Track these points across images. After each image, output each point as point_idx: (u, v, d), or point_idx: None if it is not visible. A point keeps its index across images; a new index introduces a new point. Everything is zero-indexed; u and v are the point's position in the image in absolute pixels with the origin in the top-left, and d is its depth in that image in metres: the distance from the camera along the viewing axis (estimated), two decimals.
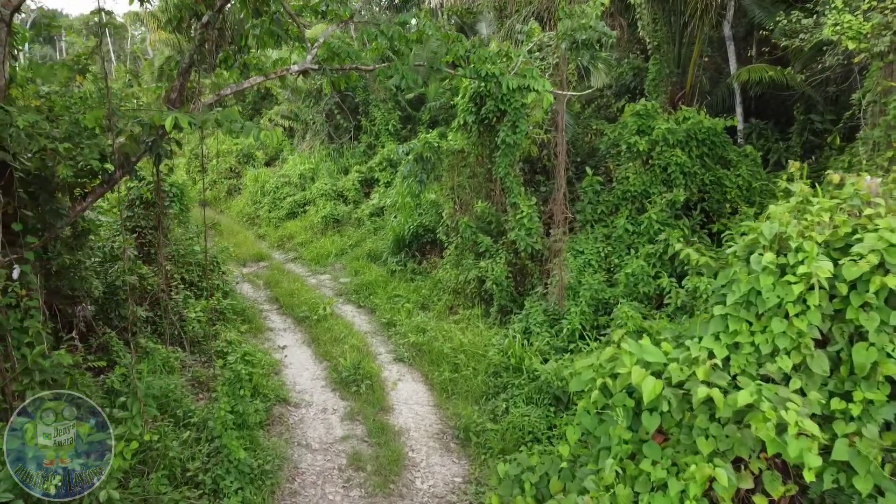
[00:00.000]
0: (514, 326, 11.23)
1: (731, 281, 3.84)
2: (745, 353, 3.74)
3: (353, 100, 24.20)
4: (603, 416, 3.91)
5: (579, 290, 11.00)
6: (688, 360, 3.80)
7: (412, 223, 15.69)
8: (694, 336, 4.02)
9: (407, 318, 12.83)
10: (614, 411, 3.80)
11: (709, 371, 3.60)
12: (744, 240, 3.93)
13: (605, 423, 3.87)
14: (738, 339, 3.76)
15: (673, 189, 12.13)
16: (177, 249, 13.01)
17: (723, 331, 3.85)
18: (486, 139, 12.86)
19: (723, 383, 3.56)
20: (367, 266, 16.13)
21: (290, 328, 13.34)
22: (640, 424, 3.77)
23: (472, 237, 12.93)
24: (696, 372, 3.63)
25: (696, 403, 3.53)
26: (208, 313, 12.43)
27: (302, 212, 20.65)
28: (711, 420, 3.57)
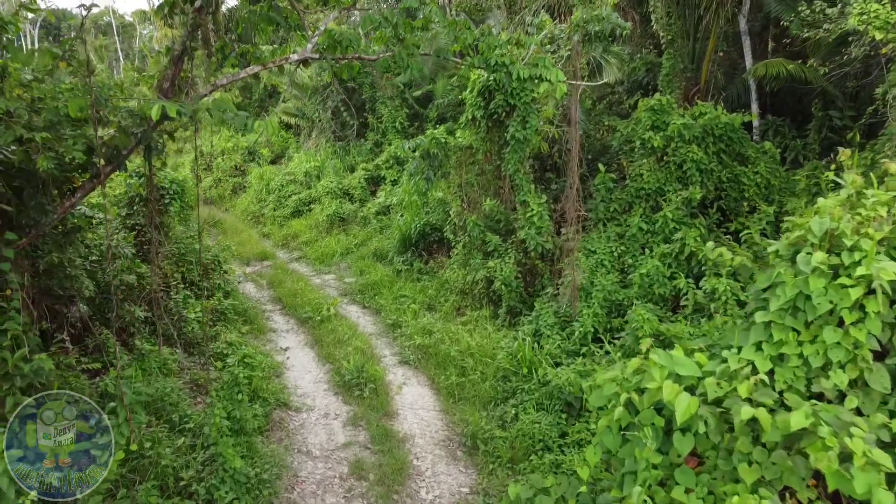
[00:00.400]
0: (523, 329, 10.80)
1: (775, 284, 3.39)
2: (791, 366, 3.28)
3: (359, 97, 23.81)
4: (627, 436, 3.48)
5: (592, 292, 10.56)
6: (726, 374, 3.35)
7: (419, 222, 15.29)
8: (731, 346, 3.57)
9: (413, 319, 12.43)
10: (641, 431, 3.37)
11: (752, 387, 3.15)
12: (787, 237, 3.47)
13: (630, 443, 3.44)
14: (783, 350, 3.29)
15: (689, 186, 11.68)
16: (177, 248, 12.65)
17: (766, 340, 3.38)
18: (494, 135, 12.44)
19: (769, 402, 3.10)
20: (373, 266, 15.74)
21: (293, 329, 12.95)
22: (671, 446, 3.31)
23: (481, 236, 12.51)
24: (737, 388, 3.18)
25: (739, 425, 3.07)
26: (208, 314, 12.06)
27: (307, 210, 20.28)
28: (755, 444, 3.12)
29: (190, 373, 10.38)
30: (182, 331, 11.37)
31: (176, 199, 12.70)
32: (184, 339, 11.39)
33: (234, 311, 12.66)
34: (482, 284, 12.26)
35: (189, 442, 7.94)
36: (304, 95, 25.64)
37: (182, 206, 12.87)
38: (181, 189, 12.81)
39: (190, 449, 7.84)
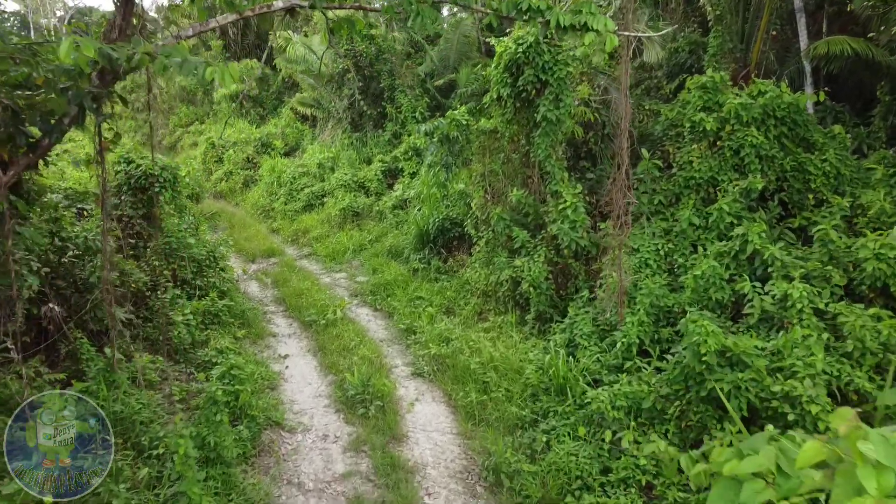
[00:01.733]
0: (555, 338, 9.34)
1: None
2: None
3: (377, 85, 22.46)
4: None
5: (636, 296, 9.05)
6: None
7: (438, 216, 13.88)
8: None
9: (429, 324, 11.02)
10: None
11: None
12: None
13: None
14: None
15: (747, 175, 10.13)
16: (169, 243, 11.38)
17: None
18: (523, 116, 10.99)
19: None
20: (387, 264, 14.37)
21: (296, 334, 11.62)
22: None
23: (506, 231, 11.06)
24: None
25: None
26: (199, 316, 10.78)
27: (319, 204, 18.98)
28: None
29: (171, 384, 9.08)
30: (168, 335, 10.09)
31: (167, 188, 11.44)
32: (169, 345, 10.11)
33: (229, 312, 11.36)
34: (507, 286, 10.81)
35: (155, 472, 6.63)
36: (319, 84, 24.38)
37: (174, 196, 11.59)
38: (173, 177, 11.54)
39: (156, 481, 6.54)
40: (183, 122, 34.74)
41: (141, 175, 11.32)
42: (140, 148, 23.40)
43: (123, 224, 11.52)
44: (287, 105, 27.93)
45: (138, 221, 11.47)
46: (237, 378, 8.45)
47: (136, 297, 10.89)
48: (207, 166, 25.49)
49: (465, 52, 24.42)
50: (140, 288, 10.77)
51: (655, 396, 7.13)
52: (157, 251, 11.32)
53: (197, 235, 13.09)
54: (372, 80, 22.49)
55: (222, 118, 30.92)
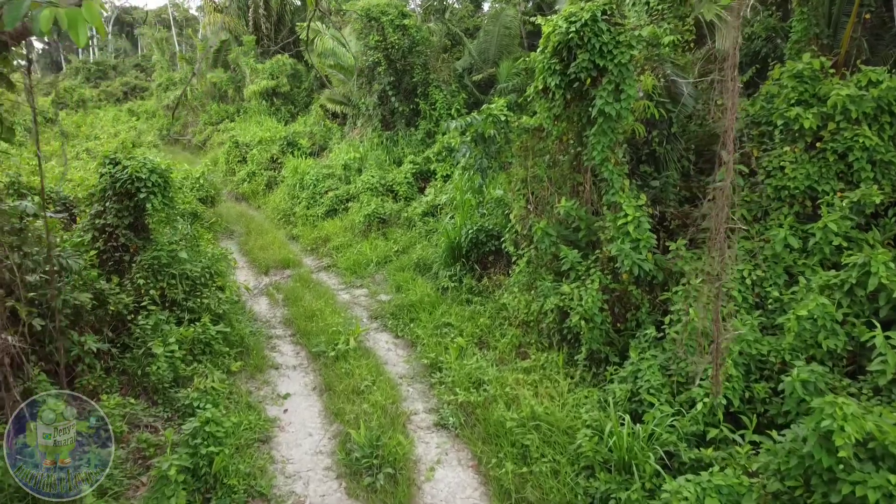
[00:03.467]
0: (614, 389, 7.42)
1: None
2: None
3: (410, 79, 20.70)
4: None
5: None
6: None
7: (472, 226, 12.01)
8: None
9: (457, 359, 9.20)
10: None
11: None
12: None
13: None
14: None
15: (858, 184, 8.08)
16: (158, 257, 9.78)
17: None
18: (574, 111, 9.10)
19: None
20: (413, 280, 12.58)
21: (302, 365, 9.91)
22: None
23: (551, 249, 9.19)
24: None
25: None
26: (188, 345, 9.15)
27: (343, 209, 17.29)
28: None
29: (138, 436, 7.44)
30: (145, 371, 8.48)
31: (156, 193, 9.84)
32: (146, 382, 8.51)
33: (225, 340, 9.70)
34: (553, 316, 8.92)
35: None
36: (348, 79, 22.76)
37: (165, 203, 9.98)
38: (164, 181, 9.94)
39: None
40: (213, 120, 33.54)
41: (127, 178, 9.75)
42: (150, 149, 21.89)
43: (107, 235, 9.99)
44: (316, 101, 26.39)
45: (123, 232, 9.91)
46: (213, 437, 6.74)
47: (115, 321, 9.34)
48: (230, 166, 24.07)
49: (505, 45, 22.58)
50: (120, 311, 9.21)
51: (761, 495, 5.18)
52: (143, 267, 9.74)
53: (196, 248, 11.50)
54: (404, 74, 20.74)
55: (252, 116, 29.59)
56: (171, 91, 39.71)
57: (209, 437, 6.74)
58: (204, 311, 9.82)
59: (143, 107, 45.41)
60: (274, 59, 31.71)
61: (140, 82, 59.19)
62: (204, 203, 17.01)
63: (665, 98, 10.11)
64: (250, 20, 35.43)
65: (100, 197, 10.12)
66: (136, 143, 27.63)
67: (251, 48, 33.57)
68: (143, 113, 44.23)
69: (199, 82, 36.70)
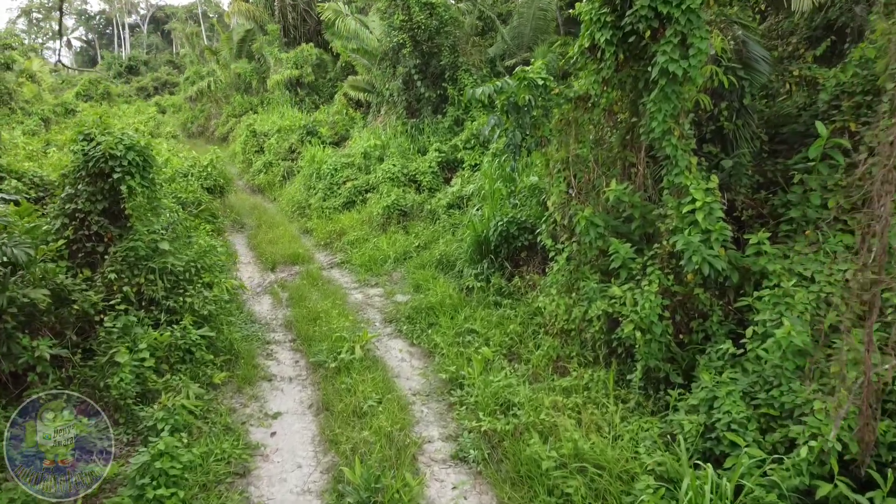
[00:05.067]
0: (681, 420, 5.77)
1: None
2: None
3: (437, 63, 19.15)
4: None
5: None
6: None
7: (501, 218, 10.39)
8: None
9: (481, 374, 7.62)
10: None
11: None
12: None
13: None
14: None
15: None
16: (134, 249, 8.37)
17: None
18: (629, 74, 7.45)
19: None
20: (435, 279, 11.04)
21: (300, 377, 8.43)
22: None
23: (598, 243, 7.54)
24: None
25: None
26: (164, 351, 7.73)
27: (361, 201, 15.81)
28: None
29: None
30: (106, 385, 7.07)
31: (133, 175, 8.44)
32: (108, 397, 7.10)
33: (209, 346, 8.27)
34: (599, 325, 7.27)
35: None
36: (372, 64, 21.30)
37: (144, 185, 8.58)
38: (143, 160, 8.53)
39: None
40: (236, 112, 32.44)
41: (100, 156, 8.37)
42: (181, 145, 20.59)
43: (77, 222, 8.62)
44: (340, 90, 25.00)
45: (97, 219, 8.53)
46: (166, 475, 5.27)
47: (82, 322, 7.97)
48: (247, 156, 22.80)
49: (541, 28, 20.97)
50: (87, 310, 7.83)
51: None
52: (117, 259, 8.35)
53: (188, 239, 10.10)
54: (431, 56, 19.19)
55: (275, 107, 28.35)
56: (196, 84, 38.80)
57: (161, 475, 5.27)
58: (186, 311, 8.38)
59: (169, 101, 44.76)
60: (298, 48, 30.47)
61: (171, 78, 58.85)
62: (212, 193, 15.67)
63: (736, 63, 8.40)
64: (276, 9, 34.28)
65: (72, 178, 8.78)
66: (153, 135, 26.54)
67: (276, 37, 32.38)
68: (169, 106, 43.56)
69: (222, 73, 35.67)
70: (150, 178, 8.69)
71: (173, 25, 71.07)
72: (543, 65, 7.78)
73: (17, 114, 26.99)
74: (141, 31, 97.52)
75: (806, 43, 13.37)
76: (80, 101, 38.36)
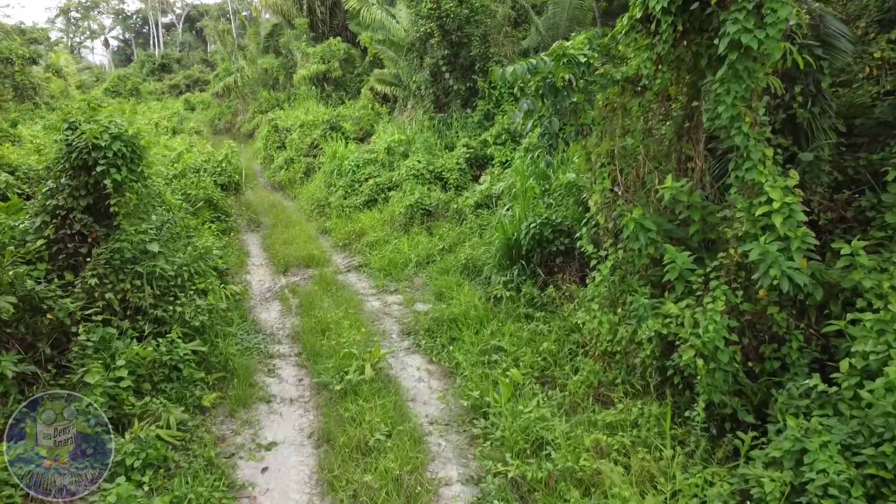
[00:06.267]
0: (759, 476, 4.57)
1: None
2: None
3: (467, 54, 18.04)
4: None
5: None
6: None
7: (534, 219, 9.24)
8: None
9: (509, 401, 6.52)
10: None
11: None
12: None
13: None
14: None
15: None
16: (119, 251, 7.45)
17: None
18: (689, 49, 6.26)
19: None
20: (459, 285, 9.97)
21: (302, 399, 7.41)
22: None
23: (649, 250, 6.36)
24: None
25: None
26: (146, 369, 6.78)
27: (383, 199, 14.78)
28: None
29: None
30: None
31: (119, 168, 7.51)
32: None
33: (199, 362, 7.29)
34: (651, 349, 6.10)
35: None
36: (399, 56, 20.29)
37: (132, 179, 7.64)
38: (131, 151, 7.60)
39: None
40: (262, 108, 31.72)
41: (83, 146, 7.46)
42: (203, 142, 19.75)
43: (59, 220, 7.72)
44: (366, 84, 24.05)
45: (80, 217, 7.62)
46: None
47: (57, 333, 7.05)
48: (269, 152, 21.95)
49: (577, 19, 19.71)
50: (62, 320, 6.91)
51: None
52: (100, 262, 7.42)
53: (187, 239, 9.16)
54: (461, 47, 18.09)
55: (300, 102, 27.52)
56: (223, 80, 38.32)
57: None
58: (175, 321, 7.42)
59: (198, 98, 44.40)
60: (326, 42, 29.62)
61: (203, 75, 58.70)
62: (226, 190, 14.80)
63: (812, 41, 7.15)
64: (304, 3, 33.50)
65: (55, 171, 7.89)
66: (176, 130, 25.91)
67: (303, 32, 31.58)
68: (198, 103, 43.18)
69: (249, 69, 35.03)
70: (138, 172, 7.75)
71: (205, 23, 71.12)
72: (586, 39, 6.63)
73: (42, 108, 26.59)
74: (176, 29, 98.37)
75: (877, 26, 11.97)
76: (109, 97, 38.12)
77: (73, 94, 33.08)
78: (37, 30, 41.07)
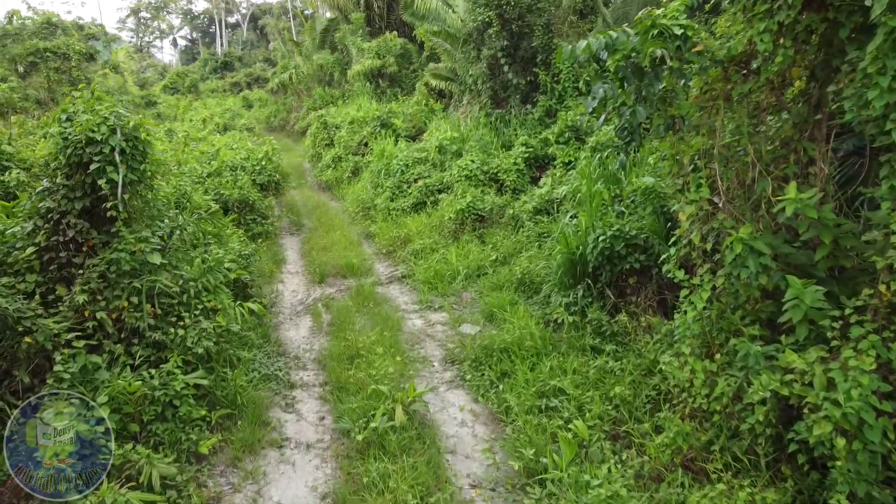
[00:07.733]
0: None
1: None
2: None
3: (528, 45, 16.62)
4: None
5: None
6: None
7: (604, 230, 7.78)
8: None
9: (571, 464, 5.13)
10: None
11: None
12: None
13: None
14: None
15: None
16: (117, 262, 6.38)
17: None
18: (818, 19, 4.72)
19: None
20: (514, 304, 8.62)
21: (320, 444, 6.18)
22: None
23: (761, 278, 4.84)
24: None
25: None
26: (133, 405, 5.68)
27: (433, 202, 13.52)
28: None
29: None
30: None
31: (120, 164, 6.44)
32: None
33: (201, 397, 6.16)
34: (764, 411, 4.60)
35: None
36: (454, 48, 19.01)
37: (133, 179, 6.57)
38: (133, 147, 6.53)
39: None
40: (316, 105, 30.94)
41: (78, 141, 6.44)
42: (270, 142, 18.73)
43: (52, 224, 6.72)
44: (421, 80, 22.87)
45: (75, 221, 6.60)
46: None
47: (38, 358, 6.03)
48: (317, 150, 21.00)
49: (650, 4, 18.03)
50: (42, 344, 5.88)
51: None
52: (93, 276, 6.37)
53: (206, 247, 8.08)
54: (521, 38, 16.69)
55: (354, 99, 26.57)
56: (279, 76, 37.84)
57: None
58: (176, 347, 6.30)
59: (256, 95, 44.23)
60: (382, 37, 28.60)
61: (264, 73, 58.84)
62: (265, 190, 13.83)
63: None
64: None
65: (52, 169, 6.90)
66: (227, 127, 25.31)
67: (360, 27, 30.65)
68: (256, 101, 42.98)
69: (304, 65, 34.38)
70: (140, 171, 6.67)
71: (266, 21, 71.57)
72: (683, 5, 5.16)
73: None
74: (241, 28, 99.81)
75: None
76: (168, 93, 38.17)
77: (132, 90, 33.05)
78: (95, 26, 41.53)
